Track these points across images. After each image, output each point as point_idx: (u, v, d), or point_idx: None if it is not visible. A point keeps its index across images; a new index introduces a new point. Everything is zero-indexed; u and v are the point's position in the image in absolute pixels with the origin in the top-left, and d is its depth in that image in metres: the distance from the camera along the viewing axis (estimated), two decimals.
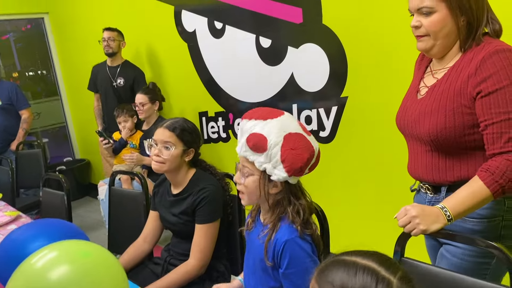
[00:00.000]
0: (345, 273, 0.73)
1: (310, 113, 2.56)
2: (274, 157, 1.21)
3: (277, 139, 1.20)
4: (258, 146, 1.21)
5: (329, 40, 2.36)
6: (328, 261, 0.79)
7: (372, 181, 2.35)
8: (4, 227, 2.13)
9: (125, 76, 3.53)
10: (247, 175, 1.27)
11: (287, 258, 1.23)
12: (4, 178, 3.25)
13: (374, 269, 0.73)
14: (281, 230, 1.26)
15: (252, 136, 1.22)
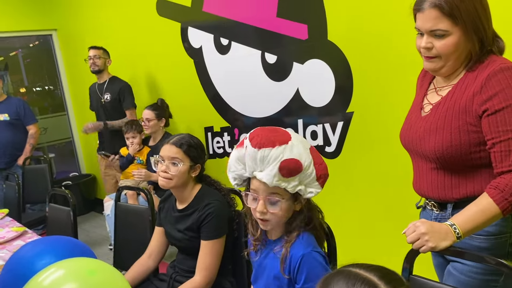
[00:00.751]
0: (345, 284, 0.73)
1: (316, 128, 2.57)
2: (309, 177, 1.22)
3: (308, 158, 1.21)
4: (293, 171, 1.19)
5: (334, 56, 2.37)
6: (333, 272, 0.79)
7: (378, 197, 2.34)
8: (10, 243, 2.13)
9: (111, 91, 3.57)
10: (275, 202, 1.24)
11: (304, 273, 1.22)
12: (11, 193, 3.27)
13: (373, 282, 0.73)
14: (295, 245, 1.26)
15: (286, 162, 1.19)
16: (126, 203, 2.62)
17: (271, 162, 1.19)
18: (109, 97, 3.57)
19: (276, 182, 1.20)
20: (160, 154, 1.74)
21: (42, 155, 4.47)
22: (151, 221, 2.04)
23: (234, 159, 1.29)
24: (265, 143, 1.20)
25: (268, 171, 1.20)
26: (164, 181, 1.71)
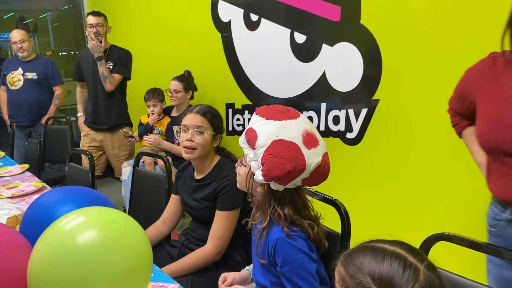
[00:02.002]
0: (373, 258, 0.73)
1: (339, 113, 2.53)
2: (258, 158, 1.19)
3: (264, 141, 1.18)
4: (250, 142, 1.22)
5: (365, 41, 2.32)
6: (355, 247, 0.79)
7: (396, 187, 2.31)
8: (29, 196, 2.19)
9: (113, 60, 3.39)
10: (241, 166, 1.30)
11: (281, 256, 1.23)
12: (32, 150, 3.34)
13: (402, 255, 0.72)
14: (273, 229, 1.25)
15: (249, 130, 1.22)
16: (144, 169, 2.65)
17: (249, 125, 1.25)
18: (111, 66, 3.38)
19: (241, 144, 1.27)
20: (184, 123, 1.74)
21: (64, 117, 4.54)
22: (167, 189, 2.05)
23: None
24: (258, 111, 1.27)
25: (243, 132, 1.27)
26: (188, 151, 1.71)
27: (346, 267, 0.76)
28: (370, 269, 0.72)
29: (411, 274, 0.70)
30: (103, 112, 3.46)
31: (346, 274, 0.75)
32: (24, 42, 3.86)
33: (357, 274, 0.73)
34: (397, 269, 0.71)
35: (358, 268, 0.74)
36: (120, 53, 3.43)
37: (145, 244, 0.76)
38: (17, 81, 3.96)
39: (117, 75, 3.36)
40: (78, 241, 0.71)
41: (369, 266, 0.73)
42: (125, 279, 0.72)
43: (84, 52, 3.54)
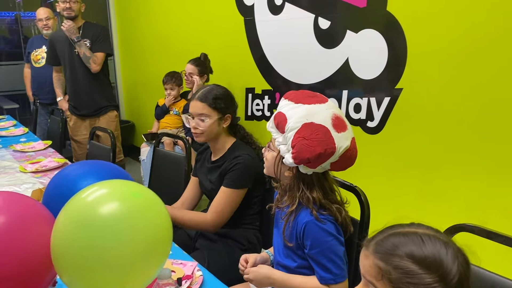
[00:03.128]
0: (412, 244, 0.71)
1: (360, 101, 2.50)
2: (288, 141, 1.20)
3: (294, 124, 1.18)
4: (279, 126, 1.22)
5: (391, 28, 2.27)
6: (381, 236, 0.77)
7: (417, 178, 2.28)
8: (52, 171, 2.23)
9: (89, 37, 3.21)
10: (270, 151, 1.31)
11: (309, 239, 1.24)
12: (54, 127, 3.40)
13: (435, 235, 0.71)
14: (301, 213, 1.26)
15: (278, 115, 1.23)
16: (164, 150, 2.67)
17: (277, 109, 1.26)
18: (89, 43, 3.19)
19: (270, 128, 1.28)
20: (190, 111, 1.75)
21: None
22: (187, 170, 2.07)
23: None
24: (287, 95, 1.27)
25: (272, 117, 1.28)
26: (195, 136, 1.75)
27: (384, 258, 0.73)
28: (416, 257, 0.70)
29: (453, 252, 0.70)
30: (86, 96, 3.30)
31: (388, 266, 0.72)
32: (49, 20, 3.90)
33: (402, 263, 0.71)
34: (440, 249, 0.70)
35: (400, 258, 0.71)
36: (96, 29, 3.26)
37: (166, 218, 0.76)
38: (40, 58, 4.01)
39: (100, 53, 3.20)
40: (101, 212, 0.72)
41: (413, 254, 0.71)
42: (146, 252, 0.73)
43: (56, 34, 3.35)
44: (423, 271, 0.69)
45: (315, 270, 1.26)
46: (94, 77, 3.27)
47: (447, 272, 0.69)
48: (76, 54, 3.19)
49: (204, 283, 1.25)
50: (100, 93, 3.34)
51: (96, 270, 0.71)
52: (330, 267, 1.23)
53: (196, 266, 1.32)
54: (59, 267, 0.73)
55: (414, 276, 0.70)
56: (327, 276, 1.24)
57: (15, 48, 5.68)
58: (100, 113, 3.36)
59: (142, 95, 4.86)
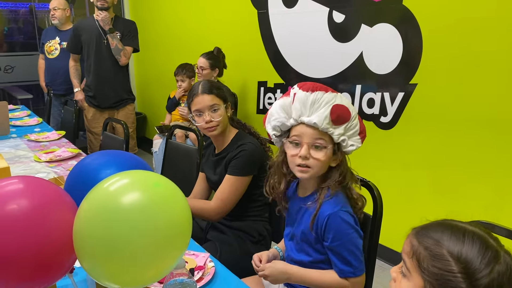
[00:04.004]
0: (453, 236, 0.72)
1: (374, 96, 2.49)
2: (353, 129, 1.24)
3: (355, 111, 1.24)
4: (341, 118, 1.21)
5: (407, 23, 2.25)
6: (431, 223, 0.78)
7: (430, 174, 2.27)
8: (65, 161, 2.26)
9: (120, 31, 3.24)
10: (320, 147, 1.24)
11: (332, 232, 1.23)
12: (68, 117, 3.43)
13: (483, 236, 0.71)
14: (326, 203, 1.26)
15: (337, 107, 1.20)
16: (177, 142, 2.69)
17: (323, 105, 1.20)
18: (120, 37, 3.22)
19: (325, 125, 1.20)
20: (196, 108, 1.71)
21: None
22: (198, 163, 2.08)
23: (278, 107, 1.28)
24: (317, 88, 1.22)
25: (319, 113, 1.20)
26: (211, 130, 1.71)
27: (420, 239, 0.75)
28: (450, 245, 0.71)
29: (492, 257, 0.69)
30: (109, 88, 3.31)
31: (420, 245, 0.74)
32: (56, 10, 3.91)
33: (433, 246, 0.72)
34: (478, 250, 0.69)
35: (435, 241, 0.72)
36: (128, 24, 3.31)
37: (186, 208, 0.77)
38: (54, 50, 4.04)
39: (129, 48, 3.24)
40: (122, 202, 0.72)
41: (448, 242, 0.71)
42: (167, 242, 0.74)
43: (84, 22, 3.34)
44: (451, 259, 0.70)
45: (334, 263, 1.26)
46: (119, 70, 3.31)
47: (474, 270, 0.68)
48: (105, 45, 3.20)
49: (216, 274, 1.26)
50: (122, 86, 3.38)
51: (116, 258, 0.72)
52: (351, 260, 1.24)
53: (208, 257, 1.33)
54: (80, 253, 0.74)
55: (441, 260, 0.71)
56: (346, 269, 1.24)
57: (29, 39, 5.73)
58: (119, 105, 3.39)
59: (155, 88, 4.88)
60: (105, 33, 3.19)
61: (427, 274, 0.72)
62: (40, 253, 0.75)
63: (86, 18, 3.32)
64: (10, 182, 0.79)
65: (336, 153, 1.25)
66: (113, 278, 0.76)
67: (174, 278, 0.92)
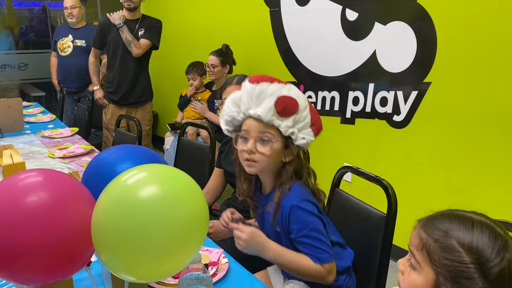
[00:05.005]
0: (461, 226, 0.72)
1: (387, 95, 2.47)
2: (302, 121, 1.19)
3: (305, 102, 1.19)
4: (288, 110, 1.16)
5: (421, 21, 2.23)
6: (436, 214, 0.78)
7: (443, 173, 2.25)
8: (79, 158, 2.27)
9: (145, 26, 3.29)
10: (266, 141, 1.21)
11: (296, 223, 1.22)
12: (81, 114, 3.46)
13: (491, 225, 0.71)
14: (286, 197, 1.24)
15: (283, 99, 1.16)
16: (189, 139, 2.70)
17: (267, 96, 1.16)
18: (143, 32, 3.27)
19: (270, 117, 1.16)
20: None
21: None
22: (211, 160, 2.08)
23: (230, 101, 1.26)
24: (263, 79, 1.18)
25: (263, 105, 1.17)
26: None
27: (428, 231, 0.74)
28: (459, 236, 0.70)
29: (502, 245, 0.69)
30: (131, 85, 3.35)
31: (430, 238, 0.73)
32: (74, 8, 3.95)
33: (443, 238, 0.71)
34: (488, 239, 0.69)
35: (444, 233, 0.72)
36: (152, 21, 3.35)
37: (203, 202, 0.77)
38: (66, 47, 4.07)
39: (145, 40, 3.26)
40: (141, 195, 0.73)
41: (457, 233, 0.71)
42: (184, 236, 0.74)
43: (110, 20, 3.34)
44: (462, 249, 0.69)
45: (307, 254, 1.23)
46: (142, 68, 3.36)
47: (486, 259, 0.68)
48: None
49: (230, 270, 1.26)
50: (143, 84, 3.41)
51: (134, 251, 0.73)
52: (321, 247, 1.22)
53: (222, 253, 1.33)
54: (98, 245, 0.75)
55: (452, 252, 0.70)
56: (319, 255, 1.22)
57: (42, 37, 5.79)
58: (139, 104, 3.42)
59: (166, 85, 4.90)
60: (132, 33, 3.23)
61: (439, 266, 0.71)
62: (58, 245, 0.75)
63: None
64: (30, 174, 0.80)
65: (288, 147, 1.22)
66: (130, 270, 0.76)
67: (190, 272, 0.92)
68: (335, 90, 2.80)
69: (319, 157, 2.71)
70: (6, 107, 2.72)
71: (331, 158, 2.85)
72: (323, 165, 2.76)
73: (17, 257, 0.74)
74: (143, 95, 3.44)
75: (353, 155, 2.69)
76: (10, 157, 1.57)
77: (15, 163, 1.53)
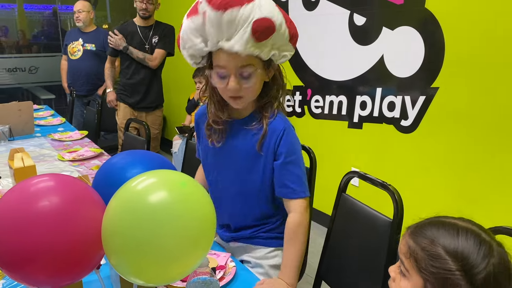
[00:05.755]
0: (446, 233, 0.73)
1: (394, 100, 2.47)
2: (282, 37, 1.08)
3: (279, 16, 1.05)
4: (266, 34, 1.03)
5: (429, 26, 2.24)
6: (423, 221, 0.79)
7: (451, 179, 2.24)
8: (88, 161, 2.30)
9: (159, 33, 3.29)
10: (249, 75, 1.11)
11: (286, 146, 1.20)
12: (90, 118, 3.49)
13: (476, 231, 0.73)
14: (275, 120, 1.21)
15: (259, 23, 1.01)
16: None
17: (241, 25, 1.01)
18: (157, 39, 3.29)
19: (249, 49, 1.04)
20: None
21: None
22: None
23: (189, 30, 1.09)
24: (229, 2, 0.99)
25: (238, 37, 1.02)
26: None
27: (416, 239, 0.76)
28: (445, 243, 0.72)
29: (486, 251, 0.70)
30: (144, 93, 3.37)
31: (417, 246, 0.75)
32: (81, 13, 4.00)
33: (430, 246, 0.73)
34: (473, 245, 0.71)
35: (430, 241, 0.73)
36: (165, 27, 3.35)
37: (211, 208, 0.78)
38: (77, 51, 4.12)
39: (160, 50, 3.28)
40: (150, 200, 0.74)
41: (443, 240, 0.72)
42: (192, 240, 0.75)
43: (126, 27, 3.33)
44: (448, 257, 0.71)
45: (285, 185, 1.20)
46: (155, 76, 3.39)
47: (471, 265, 0.69)
48: (145, 51, 3.27)
49: (237, 274, 1.27)
50: (156, 91, 3.43)
51: (143, 255, 0.74)
52: (302, 178, 1.21)
53: (229, 257, 1.34)
54: (108, 249, 0.76)
55: (438, 259, 0.71)
56: (299, 188, 1.20)
57: (52, 40, 5.86)
58: (149, 109, 3.43)
59: (174, 89, 4.93)
60: (146, 40, 3.25)
61: (426, 274, 0.73)
62: (69, 249, 0.77)
63: (126, 23, 3.36)
64: (42, 179, 0.82)
65: (270, 66, 1.15)
66: (139, 274, 0.77)
67: (198, 276, 0.94)
68: (342, 95, 2.80)
69: (326, 161, 2.72)
70: (17, 110, 2.76)
71: (338, 163, 2.86)
72: (330, 169, 2.77)
73: (29, 260, 0.76)
74: (154, 101, 3.48)
75: (360, 160, 2.69)
76: (21, 160, 1.60)
77: (26, 166, 1.55)
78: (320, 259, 1.54)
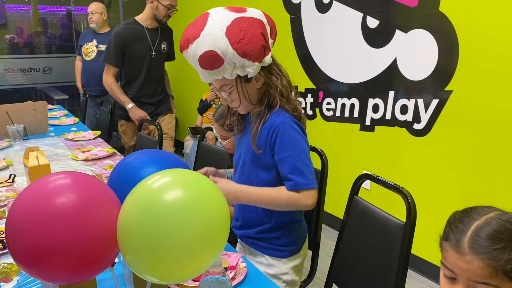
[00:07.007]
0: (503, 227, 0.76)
1: (407, 103, 2.46)
2: (234, 59, 1.15)
3: (221, 42, 1.12)
4: (214, 65, 1.16)
5: (443, 29, 2.22)
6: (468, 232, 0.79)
7: (464, 183, 2.22)
8: (101, 161, 2.32)
9: (166, 39, 3.11)
10: (228, 91, 1.25)
11: (284, 141, 1.23)
12: (103, 118, 3.53)
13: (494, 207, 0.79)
14: (272, 116, 1.26)
15: (203, 58, 1.14)
16: (208, 144, 2.72)
17: (193, 62, 1.19)
18: (166, 46, 3.09)
19: (210, 78, 1.21)
20: None
21: None
22: (229, 165, 2.10)
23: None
24: (182, 46, 1.19)
25: (199, 70, 1.21)
26: None
27: (493, 257, 0.75)
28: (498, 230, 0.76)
29: None
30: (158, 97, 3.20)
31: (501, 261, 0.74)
32: (94, 14, 4.05)
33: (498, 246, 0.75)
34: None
35: (504, 248, 0.75)
36: (170, 32, 3.18)
37: (225, 207, 0.79)
38: (91, 52, 4.17)
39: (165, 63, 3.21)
40: (165, 199, 0.75)
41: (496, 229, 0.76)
42: (207, 239, 0.76)
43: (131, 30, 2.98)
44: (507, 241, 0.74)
45: (286, 178, 1.24)
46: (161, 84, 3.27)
47: None
48: (152, 58, 3.03)
49: (248, 274, 1.27)
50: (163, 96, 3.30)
51: (158, 253, 0.75)
52: (304, 170, 1.22)
53: (241, 258, 1.34)
54: (123, 247, 0.77)
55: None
56: (300, 180, 1.22)
57: (66, 41, 5.93)
58: (161, 113, 3.23)
59: (185, 89, 4.96)
60: (153, 44, 3.03)
61: None
62: (86, 246, 0.78)
63: (129, 23, 3.05)
64: (59, 177, 0.83)
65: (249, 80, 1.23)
66: (154, 272, 0.78)
67: (210, 275, 0.94)
68: (354, 97, 2.80)
69: (338, 164, 2.71)
70: (32, 109, 2.80)
71: (350, 165, 2.85)
72: (342, 172, 2.76)
73: (46, 257, 0.77)
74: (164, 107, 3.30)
75: (372, 163, 2.68)
76: (36, 159, 1.62)
77: (41, 165, 1.58)
78: (331, 262, 1.53)
